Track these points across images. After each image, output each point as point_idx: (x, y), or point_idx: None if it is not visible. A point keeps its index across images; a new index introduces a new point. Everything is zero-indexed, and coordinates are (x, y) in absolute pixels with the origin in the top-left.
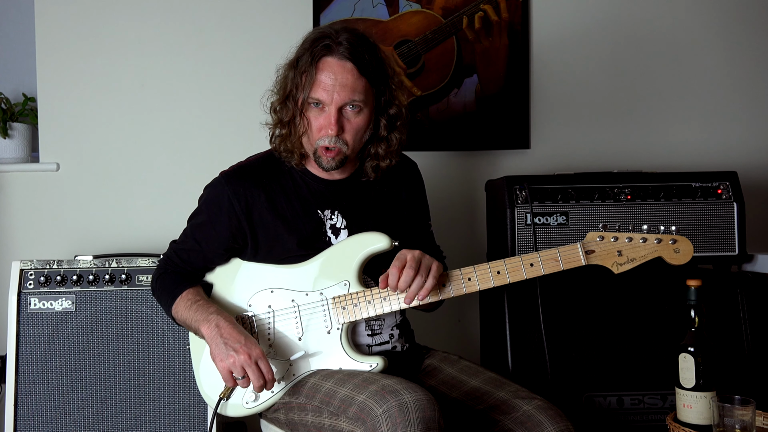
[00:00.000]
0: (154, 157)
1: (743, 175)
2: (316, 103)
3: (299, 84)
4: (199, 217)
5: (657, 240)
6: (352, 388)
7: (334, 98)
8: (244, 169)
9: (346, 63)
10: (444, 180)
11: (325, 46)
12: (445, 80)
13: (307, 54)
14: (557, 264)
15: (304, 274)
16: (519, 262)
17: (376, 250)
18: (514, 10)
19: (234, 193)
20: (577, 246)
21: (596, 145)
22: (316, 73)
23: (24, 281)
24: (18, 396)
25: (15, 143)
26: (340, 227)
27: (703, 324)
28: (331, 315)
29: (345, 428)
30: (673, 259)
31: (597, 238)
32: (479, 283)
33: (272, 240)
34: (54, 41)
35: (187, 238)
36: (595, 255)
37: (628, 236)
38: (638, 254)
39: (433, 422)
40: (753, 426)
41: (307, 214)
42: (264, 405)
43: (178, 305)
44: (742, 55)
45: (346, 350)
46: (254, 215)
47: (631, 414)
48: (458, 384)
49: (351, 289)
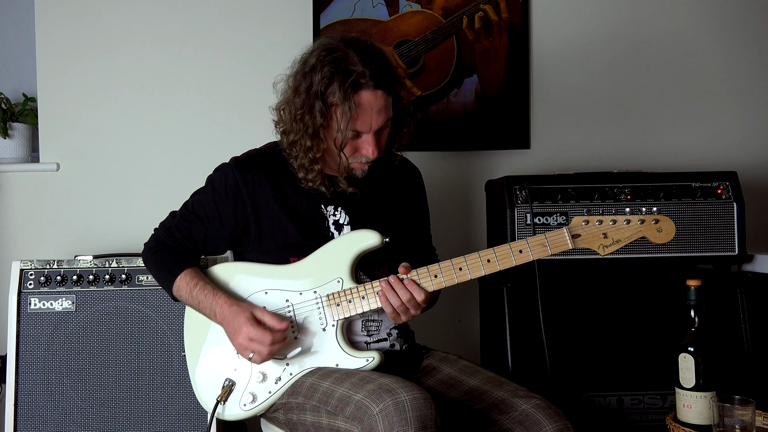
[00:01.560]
0: (154, 157)
1: (743, 175)
2: (352, 135)
3: (330, 117)
4: (204, 195)
5: (640, 221)
6: (349, 387)
7: (372, 126)
8: (254, 158)
9: (377, 92)
10: (444, 180)
11: (354, 82)
12: (445, 80)
13: (336, 89)
14: (545, 249)
15: (298, 274)
16: (508, 249)
17: (368, 247)
18: (514, 10)
19: (242, 178)
20: (563, 230)
21: (596, 145)
22: (351, 111)
23: (24, 281)
24: (18, 396)
25: (15, 143)
26: (343, 223)
27: (703, 324)
28: (325, 312)
29: (342, 428)
30: (657, 238)
31: (582, 222)
32: (470, 272)
33: (276, 228)
34: (54, 41)
35: (189, 212)
36: (581, 239)
37: (612, 219)
38: (623, 235)
39: (429, 421)
40: (753, 426)
41: (311, 208)
42: (262, 406)
43: (180, 288)
44: (742, 56)
45: (342, 346)
46: (260, 202)
47: (631, 414)
48: (457, 384)
49: (344, 286)
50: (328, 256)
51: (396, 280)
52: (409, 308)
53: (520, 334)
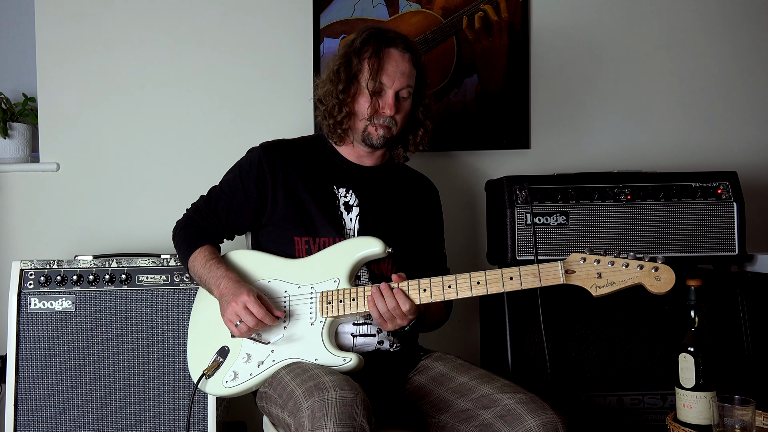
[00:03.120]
0: (154, 157)
1: (743, 175)
2: (376, 87)
3: (361, 69)
4: (231, 173)
5: (639, 266)
6: (298, 383)
7: (394, 83)
8: (279, 141)
9: (405, 54)
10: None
11: (388, 39)
12: (445, 80)
13: (370, 45)
14: (536, 280)
15: (301, 269)
16: (499, 276)
17: (370, 254)
18: (514, 10)
19: (265, 154)
20: (557, 264)
21: (596, 145)
22: (380, 61)
23: (24, 281)
24: (18, 396)
25: (15, 143)
26: (352, 204)
27: (703, 324)
28: (316, 308)
29: (289, 421)
30: (654, 287)
31: (580, 259)
32: (458, 291)
33: (290, 200)
34: (54, 41)
35: (216, 190)
36: (575, 275)
37: (611, 260)
38: (618, 279)
39: (350, 419)
40: (753, 426)
41: (323, 186)
42: (241, 387)
43: (195, 259)
44: (742, 55)
45: (324, 343)
46: (278, 175)
47: (631, 414)
48: (446, 380)
49: (339, 287)
50: (331, 256)
51: (386, 288)
52: (395, 317)
53: (520, 334)
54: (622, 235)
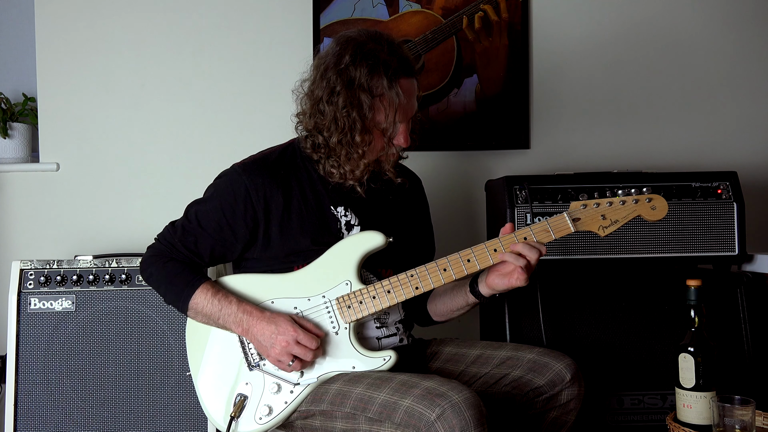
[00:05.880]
0: (154, 157)
1: (743, 175)
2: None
3: (374, 109)
4: (208, 204)
5: (635, 200)
6: (391, 392)
7: (409, 114)
8: (261, 161)
9: (413, 81)
10: (444, 180)
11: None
12: (445, 80)
13: (380, 77)
14: (548, 234)
15: (302, 281)
16: (513, 238)
17: (372, 248)
18: (514, 10)
19: (252, 184)
20: (564, 215)
21: (596, 145)
22: (400, 95)
23: (24, 281)
24: (18, 396)
25: (15, 143)
26: (354, 224)
27: (703, 324)
28: (336, 315)
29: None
30: (651, 215)
31: (580, 206)
32: (479, 263)
33: (286, 235)
34: (54, 41)
35: (192, 224)
36: (581, 222)
37: (608, 201)
38: (620, 215)
39: (483, 416)
40: (753, 426)
41: (320, 209)
42: (279, 417)
43: (199, 298)
44: (742, 55)
45: (356, 348)
46: (271, 208)
47: (631, 414)
48: (461, 357)
49: (353, 288)
50: (333, 260)
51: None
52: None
53: (520, 334)
54: (622, 234)
